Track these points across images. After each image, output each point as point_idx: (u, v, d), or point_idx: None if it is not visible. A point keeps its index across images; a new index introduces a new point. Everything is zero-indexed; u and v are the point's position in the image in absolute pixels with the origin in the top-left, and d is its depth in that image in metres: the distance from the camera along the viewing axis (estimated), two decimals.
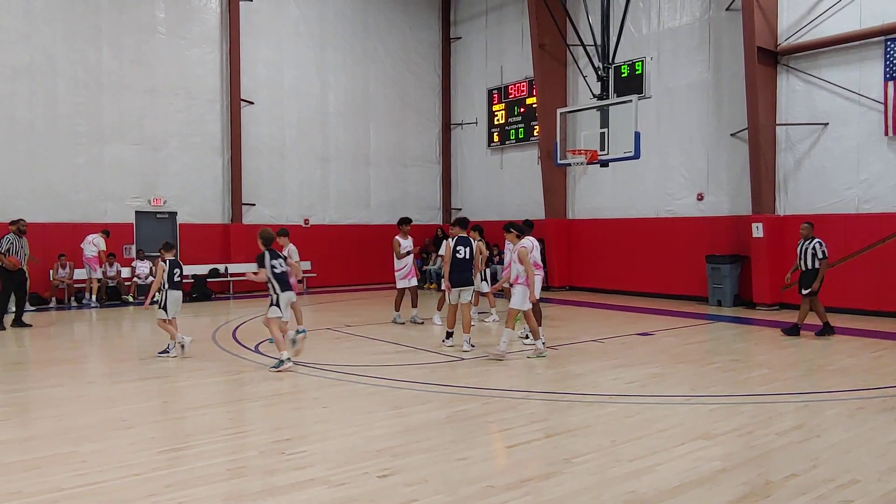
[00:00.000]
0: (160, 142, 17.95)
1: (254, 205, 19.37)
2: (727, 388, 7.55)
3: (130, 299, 16.65)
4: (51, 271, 15.90)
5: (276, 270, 8.77)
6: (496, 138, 21.51)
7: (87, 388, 7.74)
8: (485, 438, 5.83)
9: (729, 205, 15.73)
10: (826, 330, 10.81)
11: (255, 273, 9.06)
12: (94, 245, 15.93)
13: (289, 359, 8.46)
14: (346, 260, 20.83)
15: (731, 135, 15.49)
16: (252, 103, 19.23)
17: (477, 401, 7.01)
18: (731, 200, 15.67)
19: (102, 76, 17.06)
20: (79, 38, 16.72)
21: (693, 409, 6.71)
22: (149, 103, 17.73)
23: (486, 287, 12.70)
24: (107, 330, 12.74)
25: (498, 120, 21.40)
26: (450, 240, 10.27)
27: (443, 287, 10.48)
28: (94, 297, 15.96)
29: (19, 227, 12.62)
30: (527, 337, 10.16)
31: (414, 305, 12.67)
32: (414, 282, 12.67)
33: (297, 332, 9.28)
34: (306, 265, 19.88)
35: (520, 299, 9.16)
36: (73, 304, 15.99)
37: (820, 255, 10.72)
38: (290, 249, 10.96)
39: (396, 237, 12.53)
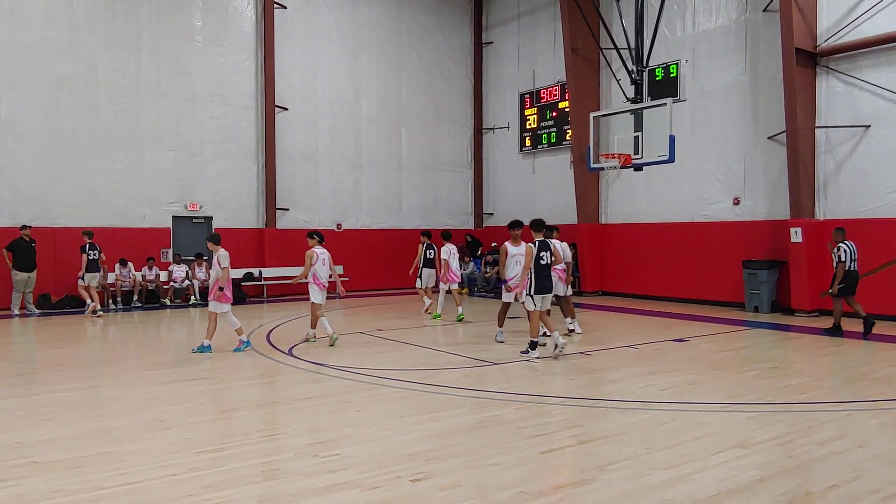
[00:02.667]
0: (197, 148, 18.29)
1: (288, 210, 19.60)
2: (765, 396, 7.40)
3: (168, 302, 16.97)
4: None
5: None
6: (528, 142, 21.45)
7: (126, 389, 7.90)
8: (518, 444, 5.80)
9: (766, 209, 15.44)
10: (834, 330, 11.66)
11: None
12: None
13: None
14: (378, 264, 20.93)
15: (769, 138, 15.22)
16: (286, 109, 19.48)
17: (510, 406, 6.98)
18: (769, 205, 15.38)
19: (142, 84, 17.45)
20: (119, 48, 17.13)
21: (730, 416, 6.59)
22: (186, 110, 18.08)
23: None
24: (145, 332, 12.99)
25: (530, 124, 21.34)
26: (531, 244, 9.52)
27: (510, 292, 10.21)
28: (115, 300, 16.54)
29: None
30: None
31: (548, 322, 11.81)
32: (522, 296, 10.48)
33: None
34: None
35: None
36: (111, 306, 16.35)
37: (838, 259, 11.41)
38: (219, 255, 10.12)
39: (506, 244, 10.74)
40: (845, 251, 11.39)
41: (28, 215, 15.81)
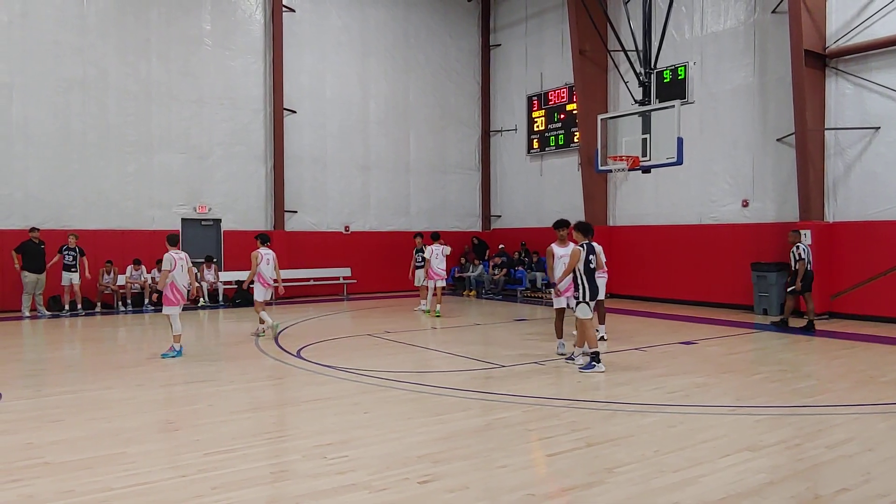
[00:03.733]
0: (206, 151, 18.38)
1: (296, 212, 19.67)
2: (774, 399, 7.37)
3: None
4: (99, 277, 16.40)
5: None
6: (536, 145, 21.45)
7: (136, 390, 7.95)
8: (525, 446, 5.80)
9: (775, 211, 15.38)
10: (782, 324, 12.86)
11: None
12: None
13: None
14: (386, 267, 20.95)
15: (778, 140, 15.16)
16: (295, 112, 19.55)
17: (517, 408, 6.98)
18: (778, 207, 15.32)
19: (151, 87, 17.56)
20: (129, 51, 17.25)
21: (738, 419, 6.57)
22: (195, 113, 18.18)
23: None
24: (154, 334, 13.05)
25: (538, 126, 21.33)
26: (580, 247, 8.99)
27: (559, 296, 9.74)
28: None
29: None
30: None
31: (601, 322, 11.24)
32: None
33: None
34: (346, 271, 20.15)
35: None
36: (122, 308, 16.43)
37: (797, 258, 12.52)
38: (164, 257, 10.08)
39: (552, 245, 10.07)
40: (804, 251, 12.53)
41: (39, 217, 15.93)
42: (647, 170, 13.03)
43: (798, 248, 12.57)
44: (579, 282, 8.96)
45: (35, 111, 16.12)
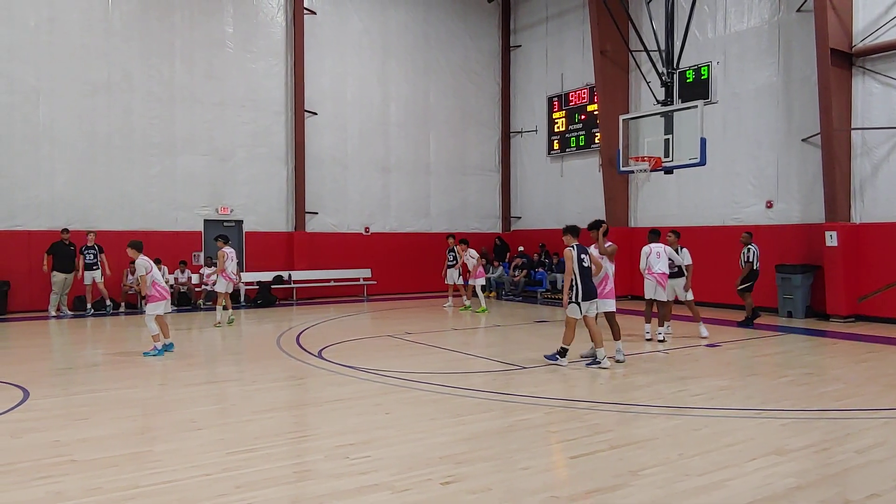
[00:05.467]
0: (228, 153, 18.54)
1: (317, 213, 19.77)
2: (800, 403, 7.26)
3: (200, 304, 17.22)
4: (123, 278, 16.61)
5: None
6: (556, 146, 21.36)
7: (159, 389, 8.03)
8: (548, 448, 5.77)
9: (800, 213, 15.17)
10: (747, 322, 13.55)
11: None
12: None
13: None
14: (406, 268, 21.01)
15: (803, 140, 14.96)
16: (315, 114, 19.66)
17: (539, 410, 6.94)
18: (803, 208, 15.11)
19: (175, 90, 17.75)
20: (154, 55, 17.46)
21: (764, 423, 6.48)
22: (218, 116, 18.35)
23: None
24: (177, 334, 13.17)
25: (558, 127, 21.25)
26: (573, 249, 8.99)
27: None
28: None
29: None
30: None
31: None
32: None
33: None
34: (366, 272, 20.21)
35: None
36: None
37: (746, 259, 13.46)
38: (137, 263, 10.40)
39: (592, 248, 9.84)
40: (754, 253, 13.37)
41: (65, 219, 16.17)
42: (669, 171, 12.92)
43: (750, 249, 13.41)
44: (573, 282, 8.94)
45: (61, 114, 16.37)
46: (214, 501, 4.51)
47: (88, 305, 15.88)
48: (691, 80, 16.55)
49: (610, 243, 9.86)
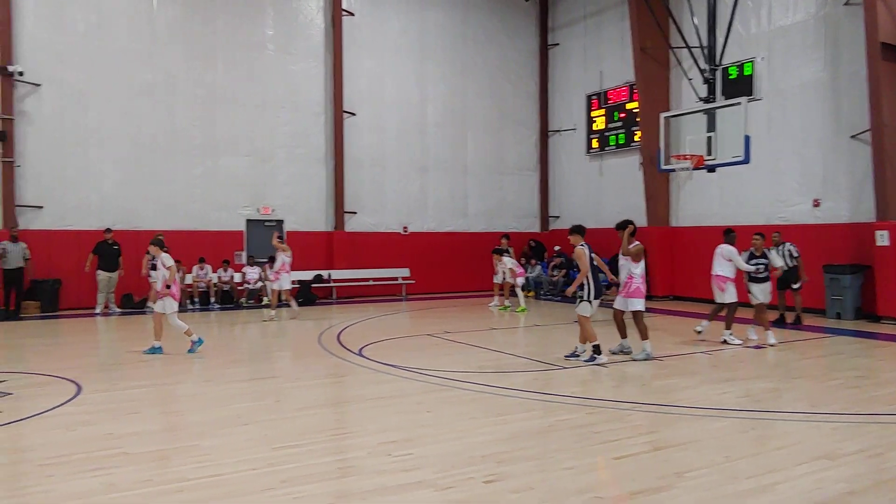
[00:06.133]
0: (268, 153, 18.82)
1: (355, 213, 19.93)
2: (851, 406, 7.07)
3: (242, 303, 17.52)
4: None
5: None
6: (595, 144, 21.17)
7: (205, 386, 8.20)
8: (591, 448, 5.72)
9: (849, 211, 14.76)
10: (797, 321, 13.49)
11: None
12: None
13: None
14: (444, 267, 21.06)
15: (851, 137, 14.54)
16: (354, 115, 19.83)
17: (581, 410, 6.90)
18: (852, 207, 14.70)
19: (217, 92, 18.09)
20: (196, 58, 17.81)
21: (813, 426, 6.33)
22: (258, 117, 18.63)
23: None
24: (220, 331, 13.43)
25: (597, 126, 21.06)
26: (584, 247, 9.24)
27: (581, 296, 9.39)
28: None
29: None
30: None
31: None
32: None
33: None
34: (404, 272, 20.32)
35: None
36: (189, 306, 16.94)
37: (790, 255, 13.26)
38: (162, 257, 10.52)
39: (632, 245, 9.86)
40: (791, 251, 13.31)
41: (112, 219, 16.59)
42: (711, 169, 12.73)
43: (784, 247, 13.33)
44: (585, 280, 9.16)
45: (109, 117, 16.81)
46: (261, 495, 4.58)
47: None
48: (734, 76, 16.28)
49: (636, 243, 9.79)
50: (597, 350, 9.27)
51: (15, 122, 15.76)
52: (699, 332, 11.41)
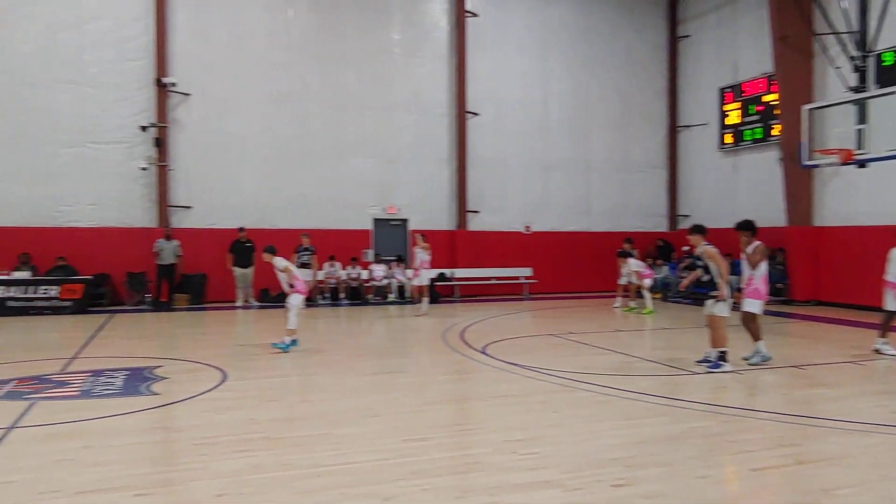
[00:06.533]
0: (394, 155, 19.38)
1: (478, 212, 20.10)
2: None
3: (369, 299, 18.16)
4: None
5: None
6: (729, 140, 20.13)
7: (338, 377, 8.57)
8: (726, 458, 5.46)
9: None
10: None
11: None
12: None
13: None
14: (567, 267, 20.82)
15: None
16: (477, 114, 20.00)
17: (715, 418, 6.60)
18: None
19: (346, 97, 18.86)
20: (328, 64, 18.66)
21: None
22: (385, 119, 19.23)
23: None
24: (349, 326, 14.00)
25: (731, 120, 20.01)
26: (712, 246, 8.92)
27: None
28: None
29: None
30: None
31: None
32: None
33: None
34: (527, 271, 20.26)
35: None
36: (320, 301, 17.76)
37: None
38: (276, 262, 10.44)
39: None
40: None
41: (251, 219, 17.70)
42: (862, 164, 11.77)
43: None
44: (721, 280, 8.75)
45: (248, 123, 17.96)
46: (391, 485, 4.74)
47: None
48: (889, 62, 14.94)
49: (758, 242, 9.23)
50: (723, 357, 8.84)
51: (168, 129, 17.19)
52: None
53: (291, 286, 10.39)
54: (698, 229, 9.13)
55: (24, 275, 15.33)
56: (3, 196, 16.05)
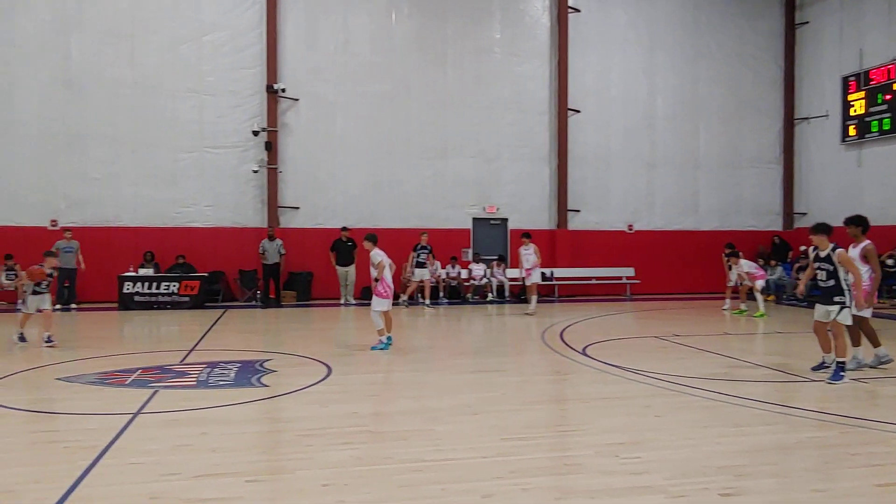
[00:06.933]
0: (494, 154, 19.40)
1: (578, 211, 19.79)
2: None
3: (469, 298, 18.27)
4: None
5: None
6: (852, 132, 18.82)
7: (438, 374, 8.68)
8: (847, 472, 5.11)
9: None
10: None
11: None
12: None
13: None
14: (672, 267, 20.15)
15: None
16: (579, 112, 19.69)
17: (833, 428, 6.19)
18: None
19: (447, 97, 19.05)
20: (429, 66, 18.92)
21: None
22: (485, 119, 19.29)
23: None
24: (448, 325, 14.14)
25: (855, 111, 18.70)
26: (844, 251, 8.29)
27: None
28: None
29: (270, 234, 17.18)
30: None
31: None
32: None
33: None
34: (629, 271, 19.75)
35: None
36: (420, 300, 18.00)
37: None
38: (372, 254, 10.31)
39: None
40: None
41: (354, 218, 18.23)
42: None
43: None
44: (845, 285, 8.10)
45: (353, 125, 18.50)
46: (491, 483, 4.74)
47: (423, 299, 17.12)
48: None
49: (868, 241, 8.52)
50: (842, 366, 8.19)
51: (278, 133, 17.97)
52: None
53: (376, 280, 10.12)
54: (823, 228, 8.35)
55: (148, 272, 16.48)
56: (131, 199, 17.33)
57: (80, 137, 17.04)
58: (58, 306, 11.04)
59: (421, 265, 16.92)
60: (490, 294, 18.38)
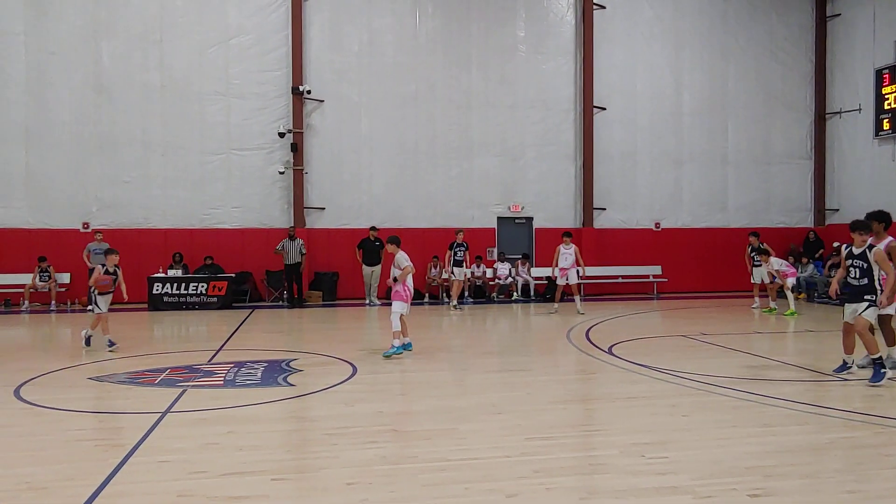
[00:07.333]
0: (519, 152, 19.33)
1: (604, 209, 19.64)
2: None
3: (494, 297, 18.23)
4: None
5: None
6: (887, 126, 18.41)
7: (462, 374, 8.68)
8: (881, 473, 5.00)
9: None
10: None
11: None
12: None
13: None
14: (700, 265, 19.91)
15: None
16: (604, 109, 19.54)
17: (867, 429, 6.06)
18: None
19: (472, 97, 19.03)
20: (453, 65, 18.92)
21: None
22: (510, 118, 19.23)
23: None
24: (473, 324, 14.12)
25: (890, 104, 18.29)
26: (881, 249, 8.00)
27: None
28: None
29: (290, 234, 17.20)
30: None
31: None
32: None
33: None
34: (656, 269, 19.55)
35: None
36: (444, 299, 18.04)
37: None
38: (398, 256, 10.11)
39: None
40: None
41: (380, 218, 18.30)
42: None
43: None
44: (877, 283, 7.90)
45: (378, 125, 18.58)
46: (515, 482, 4.73)
47: (449, 299, 17.10)
48: None
49: (891, 238, 8.30)
50: (881, 364, 7.97)
51: (303, 134, 18.11)
52: None
53: (395, 280, 9.89)
54: (863, 225, 8.09)
55: (176, 273, 16.72)
56: (161, 201, 17.60)
57: (111, 141, 17.36)
58: (89, 307, 11.24)
59: (458, 263, 16.87)
60: (515, 293, 18.32)
